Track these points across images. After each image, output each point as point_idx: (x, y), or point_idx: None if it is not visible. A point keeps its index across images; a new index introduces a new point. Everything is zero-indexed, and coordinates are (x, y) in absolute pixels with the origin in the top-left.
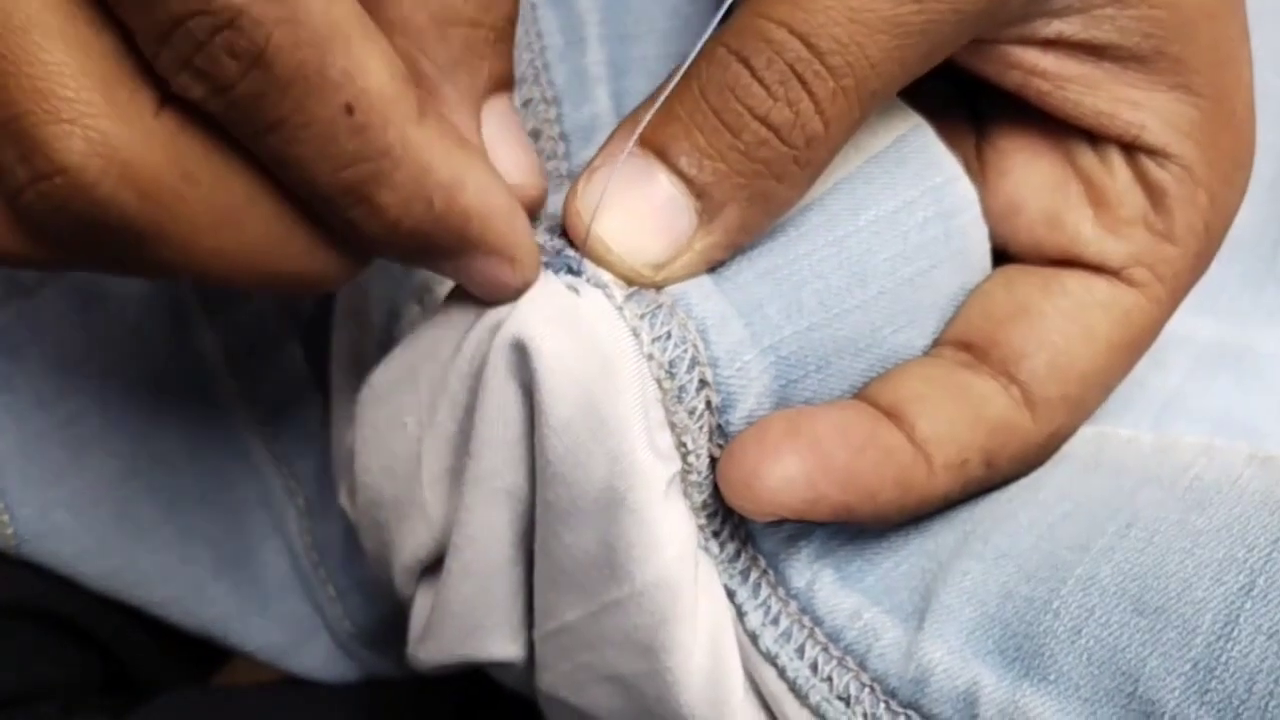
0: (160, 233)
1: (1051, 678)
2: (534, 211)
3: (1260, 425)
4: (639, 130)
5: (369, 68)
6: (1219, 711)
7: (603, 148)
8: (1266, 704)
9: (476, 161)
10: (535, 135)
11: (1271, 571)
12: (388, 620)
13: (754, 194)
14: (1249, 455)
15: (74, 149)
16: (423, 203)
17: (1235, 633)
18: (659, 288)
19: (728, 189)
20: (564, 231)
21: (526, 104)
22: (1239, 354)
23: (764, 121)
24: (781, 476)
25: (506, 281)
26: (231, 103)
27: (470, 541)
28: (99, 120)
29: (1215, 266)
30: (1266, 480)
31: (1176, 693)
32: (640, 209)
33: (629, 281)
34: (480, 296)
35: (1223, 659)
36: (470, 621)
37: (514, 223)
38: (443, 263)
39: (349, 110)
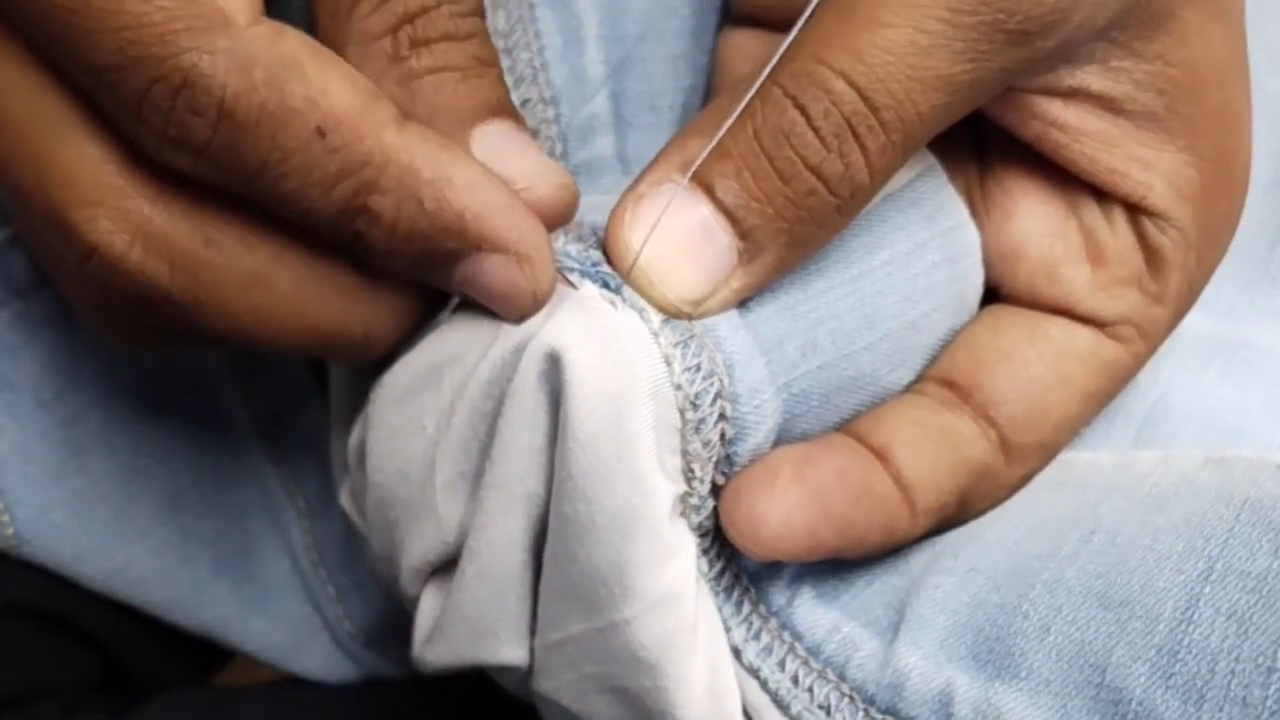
0: (195, 299)
1: (1023, 675)
2: (562, 210)
3: (1249, 423)
4: (694, 166)
5: (329, 89)
6: (1184, 693)
7: (645, 174)
8: (1229, 683)
9: (464, 161)
10: (533, 135)
11: (1229, 557)
12: (388, 620)
13: (795, 238)
14: (1204, 459)
15: (100, 228)
16: (413, 202)
17: (1196, 616)
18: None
19: (771, 231)
20: (602, 249)
21: (525, 104)
22: (1233, 347)
23: (815, 172)
24: (784, 523)
25: (518, 282)
26: (214, 161)
27: (488, 546)
28: (121, 200)
29: None
30: (1221, 478)
31: (1143, 679)
32: (682, 243)
33: (664, 313)
34: (503, 312)
35: (1185, 642)
36: (482, 626)
37: (513, 217)
38: (454, 270)
39: (320, 133)
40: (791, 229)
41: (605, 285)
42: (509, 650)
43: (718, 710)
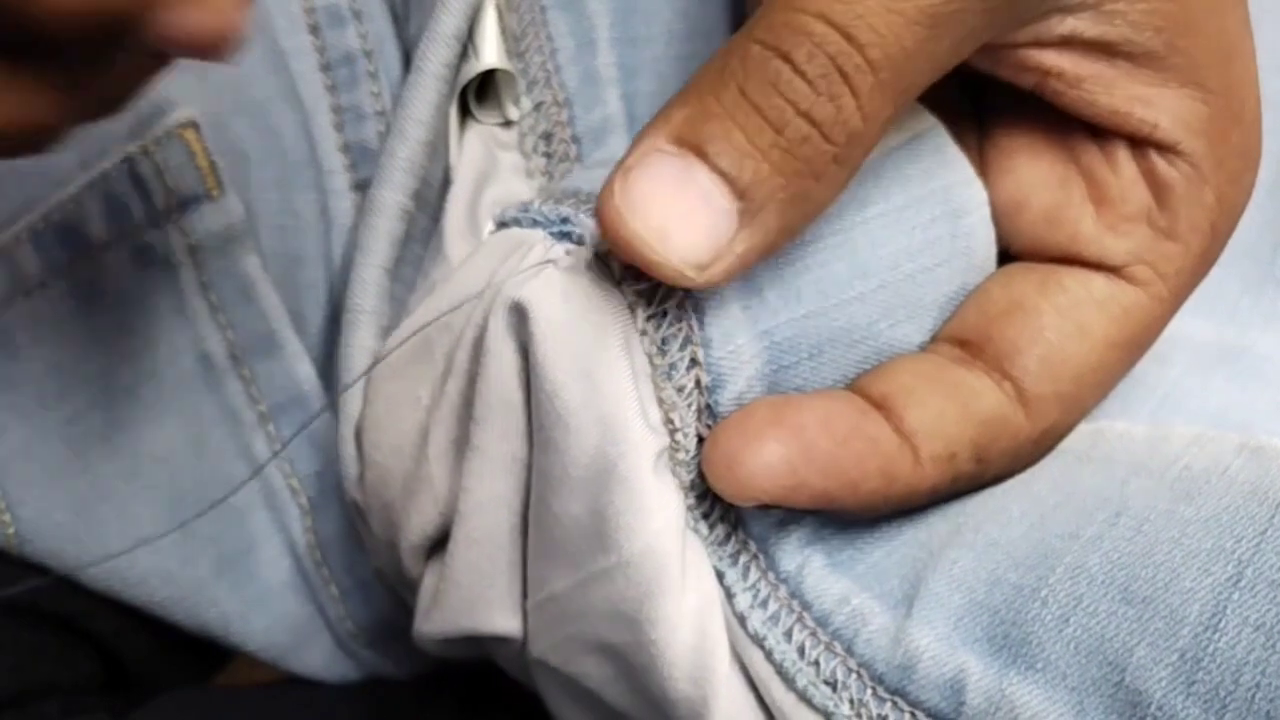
0: None
1: (1039, 666)
2: None
3: (1256, 422)
4: (676, 129)
5: None
6: (1205, 703)
7: (635, 145)
8: (1253, 695)
9: None
10: (548, 138)
11: (1259, 563)
12: (390, 620)
13: (794, 194)
14: (1239, 445)
15: None
16: None
17: (1222, 624)
18: (700, 289)
19: (769, 189)
20: (597, 216)
21: (538, 107)
22: (1237, 354)
23: (807, 117)
24: (762, 462)
25: (206, 25)
26: None
27: (476, 509)
28: None
29: (1215, 270)
30: (1255, 470)
31: (1163, 683)
32: (681, 209)
33: (672, 283)
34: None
35: (1210, 650)
36: (474, 592)
37: None
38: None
39: None
40: (789, 183)
41: (569, 238)
42: (501, 619)
43: (700, 676)
